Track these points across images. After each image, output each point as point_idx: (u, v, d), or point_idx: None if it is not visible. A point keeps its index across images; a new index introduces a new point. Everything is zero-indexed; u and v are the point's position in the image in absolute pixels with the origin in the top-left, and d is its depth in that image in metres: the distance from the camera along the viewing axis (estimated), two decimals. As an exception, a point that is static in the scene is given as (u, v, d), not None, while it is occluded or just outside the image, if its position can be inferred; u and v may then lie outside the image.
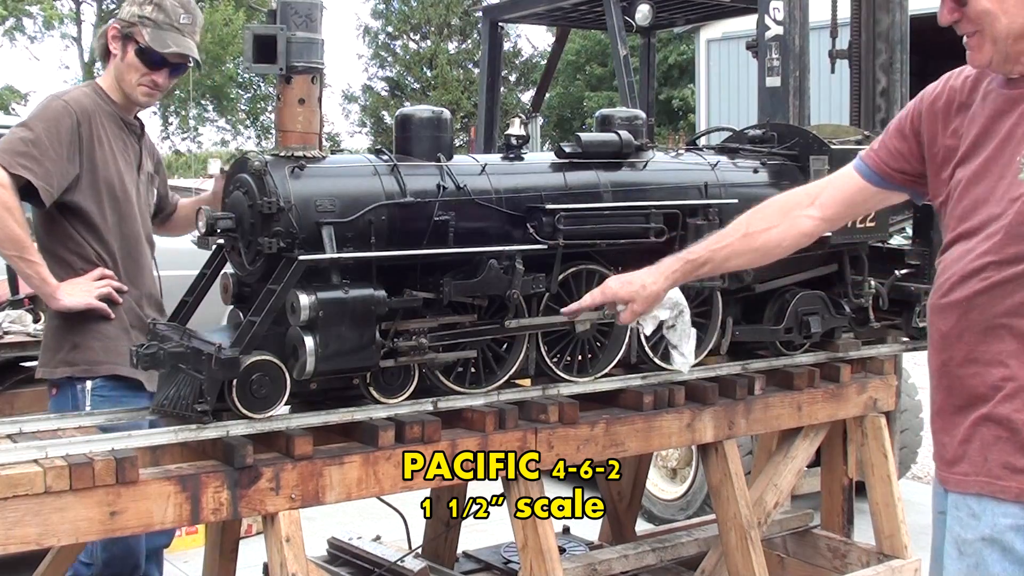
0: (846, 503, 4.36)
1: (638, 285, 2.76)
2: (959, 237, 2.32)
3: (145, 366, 2.82)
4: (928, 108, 2.48)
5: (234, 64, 29.64)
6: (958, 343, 2.28)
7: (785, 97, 5.07)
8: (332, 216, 2.85)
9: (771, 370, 3.75)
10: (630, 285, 2.77)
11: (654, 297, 2.77)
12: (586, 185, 3.35)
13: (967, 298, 2.26)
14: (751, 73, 5.85)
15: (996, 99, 2.31)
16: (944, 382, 2.34)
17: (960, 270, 2.28)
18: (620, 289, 2.78)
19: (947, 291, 2.31)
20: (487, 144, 7.58)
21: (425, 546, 4.11)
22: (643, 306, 2.78)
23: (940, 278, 2.35)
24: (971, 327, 2.25)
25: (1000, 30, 2.22)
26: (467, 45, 32.58)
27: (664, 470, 6.04)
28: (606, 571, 3.93)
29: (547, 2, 7.30)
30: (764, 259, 2.75)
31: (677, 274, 2.76)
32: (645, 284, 2.75)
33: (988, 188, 2.27)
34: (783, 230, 2.66)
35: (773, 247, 2.69)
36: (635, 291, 2.76)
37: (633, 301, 2.77)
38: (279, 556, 2.75)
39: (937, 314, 2.34)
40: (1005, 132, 2.27)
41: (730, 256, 2.71)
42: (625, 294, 2.77)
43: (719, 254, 2.71)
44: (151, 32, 3.47)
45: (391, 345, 2.89)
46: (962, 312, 2.27)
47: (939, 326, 2.34)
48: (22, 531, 2.42)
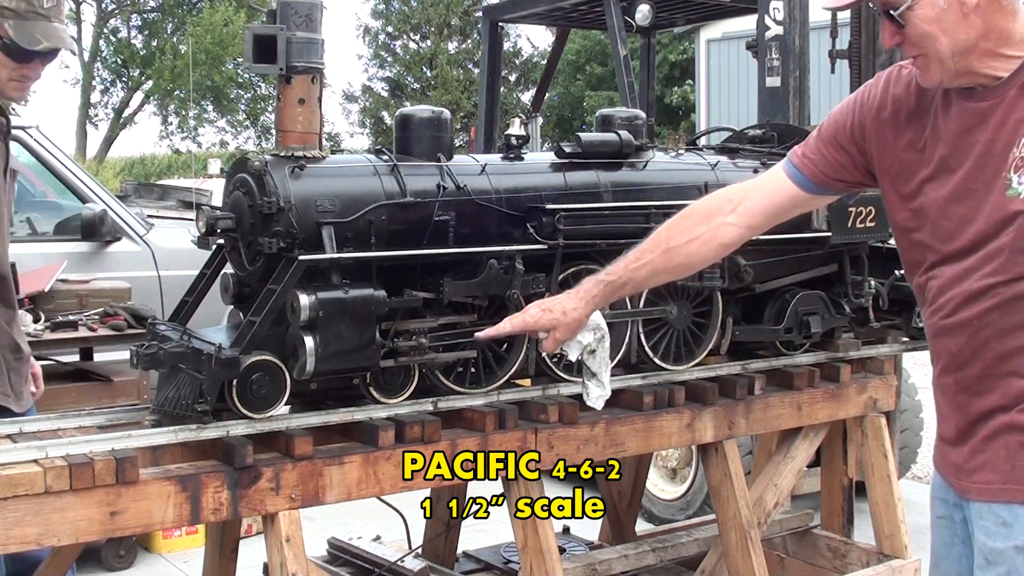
0: (846, 503, 4.36)
1: (558, 312, 2.62)
2: (948, 258, 2.29)
3: (145, 366, 2.82)
4: (872, 120, 2.42)
5: (234, 64, 29.65)
6: (973, 361, 2.26)
7: (785, 97, 5.07)
8: (332, 216, 2.85)
9: (771, 370, 3.75)
10: (550, 312, 2.62)
11: (576, 323, 2.64)
12: (586, 185, 3.35)
13: (977, 316, 2.23)
14: (751, 73, 5.85)
15: (961, 113, 2.27)
16: (959, 399, 2.32)
17: (964, 291, 2.24)
18: (541, 317, 2.63)
19: (952, 311, 2.27)
20: (487, 144, 7.57)
21: (425, 546, 4.11)
22: (565, 333, 2.65)
23: (939, 299, 2.31)
24: (985, 345, 2.24)
25: (943, 50, 2.19)
26: (467, 45, 32.58)
27: (664, 470, 6.04)
28: (606, 571, 3.93)
29: (547, 2, 7.30)
30: (685, 273, 2.66)
31: (598, 298, 2.63)
32: (566, 310, 2.62)
33: (973, 207, 2.23)
34: (703, 242, 2.53)
35: (696, 262, 2.59)
36: (556, 318, 2.62)
37: (555, 329, 2.64)
38: (279, 556, 2.75)
39: (943, 335, 2.31)
40: (982, 148, 2.22)
41: (651, 274, 2.60)
42: (546, 322, 2.63)
43: (639, 273, 2.58)
44: (15, 25, 3.06)
45: (391, 345, 2.89)
46: (973, 331, 2.24)
47: (947, 346, 2.31)
48: (22, 531, 2.42)
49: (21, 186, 6.15)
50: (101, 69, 32.75)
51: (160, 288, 5.68)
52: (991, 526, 2.23)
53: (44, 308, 4.49)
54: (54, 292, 4.60)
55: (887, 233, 3.91)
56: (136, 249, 5.81)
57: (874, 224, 3.79)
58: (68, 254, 5.43)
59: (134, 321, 4.52)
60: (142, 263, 5.77)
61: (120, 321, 4.53)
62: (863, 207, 3.77)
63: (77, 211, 5.73)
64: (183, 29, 30.86)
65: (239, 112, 33.41)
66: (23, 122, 5.87)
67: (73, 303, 4.69)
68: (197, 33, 28.69)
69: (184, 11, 31.73)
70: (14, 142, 5.45)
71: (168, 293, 5.58)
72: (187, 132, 32.90)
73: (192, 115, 32.48)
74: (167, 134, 33.25)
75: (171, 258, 5.77)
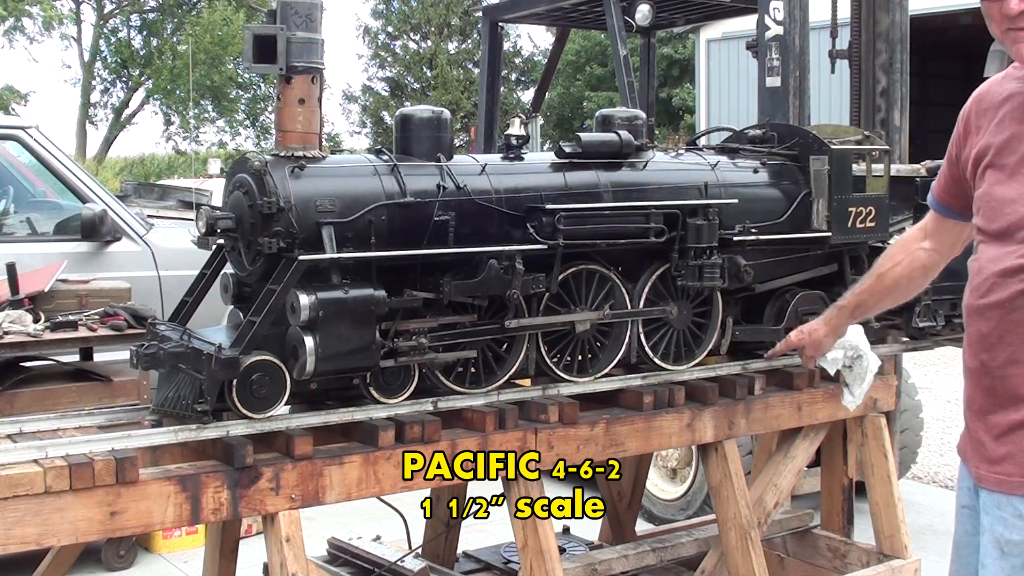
0: (846, 503, 4.36)
1: (806, 333, 3.18)
2: (990, 237, 2.32)
3: (145, 366, 2.82)
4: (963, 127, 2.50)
5: (234, 64, 29.62)
6: (1000, 344, 2.28)
7: (785, 97, 5.07)
8: (332, 216, 2.85)
9: (771, 370, 3.75)
10: (800, 334, 3.20)
11: (818, 342, 3.16)
12: (586, 185, 3.35)
13: (1009, 299, 2.25)
14: (751, 73, 5.85)
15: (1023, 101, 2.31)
16: (985, 382, 2.33)
17: (998, 271, 2.27)
18: (794, 337, 3.22)
19: (985, 292, 2.30)
20: (487, 144, 7.58)
21: (425, 546, 4.11)
22: (812, 350, 3.20)
23: (975, 279, 2.35)
24: (1014, 328, 2.25)
25: None
26: (467, 45, 32.57)
27: (664, 470, 6.03)
28: (606, 571, 3.93)
29: (547, 2, 7.30)
30: (900, 296, 2.93)
31: (834, 320, 3.10)
32: (811, 332, 3.16)
33: (1018, 188, 2.26)
34: (906, 264, 2.81)
35: (903, 284, 2.85)
36: (803, 338, 3.18)
37: (804, 347, 3.19)
38: (279, 556, 2.75)
39: (976, 315, 2.34)
40: None
41: (872, 296, 2.92)
42: (796, 341, 3.21)
43: (862, 297, 2.95)
44: None
45: (391, 345, 2.89)
46: (1004, 313, 2.26)
47: (979, 327, 2.33)
48: (22, 531, 2.42)
49: (21, 186, 6.17)
50: (101, 69, 32.72)
51: (160, 288, 5.67)
52: (1008, 517, 2.25)
53: (44, 308, 4.47)
54: (54, 292, 4.58)
55: (887, 233, 3.91)
56: (136, 249, 5.81)
57: (874, 224, 3.79)
58: (68, 254, 5.43)
59: (134, 321, 4.51)
60: (142, 263, 5.76)
61: (120, 321, 4.52)
62: (863, 207, 3.77)
63: (77, 211, 5.72)
64: (183, 29, 30.84)
65: (239, 112, 33.38)
66: (23, 122, 5.88)
67: (73, 303, 4.68)
68: (196, 33, 28.67)
69: (184, 11, 31.70)
70: (14, 142, 5.45)
71: (168, 293, 5.57)
72: (188, 133, 32.89)
73: (192, 115, 32.47)
74: (169, 135, 33.25)
75: (171, 258, 5.77)
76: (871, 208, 3.78)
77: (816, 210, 3.72)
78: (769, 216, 3.68)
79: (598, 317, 3.30)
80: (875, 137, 4.25)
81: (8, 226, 5.80)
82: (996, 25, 2.33)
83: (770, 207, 3.71)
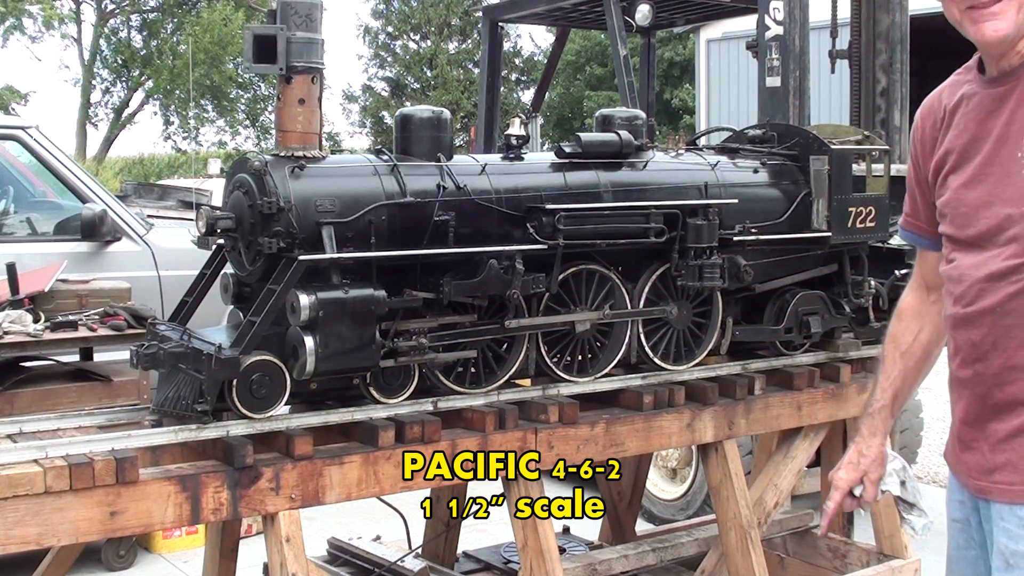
0: (846, 503, 4.35)
1: (856, 458, 2.63)
2: (965, 244, 2.24)
3: (145, 366, 2.82)
4: (919, 148, 2.41)
5: (234, 64, 29.61)
6: (994, 351, 2.20)
7: (785, 97, 5.07)
8: (332, 216, 2.85)
9: (771, 370, 3.75)
10: (851, 466, 2.63)
11: (880, 456, 2.64)
12: (586, 185, 3.35)
13: (999, 303, 2.17)
14: (751, 73, 5.85)
15: (981, 100, 2.24)
16: (978, 391, 2.25)
17: (983, 276, 2.18)
18: (847, 476, 2.62)
19: (972, 299, 2.21)
20: (487, 144, 7.58)
21: (425, 546, 4.11)
22: (877, 472, 2.64)
23: (957, 288, 2.25)
24: (1007, 333, 2.17)
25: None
26: (467, 45, 32.56)
27: (664, 470, 6.03)
28: (606, 571, 3.93)
29: (547, 2, 7.30)
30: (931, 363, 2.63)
31: (879, 425, 2.63)
32: (863, 452, 2.62)
33: (989, 190, 2.18)
34: (930, 328, 2.55)
35: (933, 348, 2.59)
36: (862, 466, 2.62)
37: (867, 473, 2.63)
38: (279, 556, 2.75)
39: (964, 324, 2.25)
40: (998, 132, 2.18)
41: (904, 380, 2.61)
42: (856, 475, 2.62)
43: (895, 384, 2.61)
44: None
45: (391, 345, 2.89)
46: (995, 319, 2.18)
47: (968, 336, 2.25)
48: (22, 531, 2.42)
49: (21, 186, 6.17)
50: (101, 69, 32.72)
51: (160, 288, 5.67)
52: (1013, 528, 2.18)
53: (44, 308, 4.47)
54: (54, 292, 4.58)
55: (887, 233, 3.91)
56: (136, 249, 5.81)
57: (874, 224, 3.79)
58: (68, 254, 5.43)
59: (134, 321, 4.51)
60: (142, 263, 5.76)
61: (120, 321, 4.52)
62: (863, 207, 3.77)
63: (77, 211, 5.72)
64: (183, 29, 30.84)
65: (238, 112, 33.37)
66: (23, 122, 5.88)
67: (73, 303, 4.68)
68: (196, 33, 28.67)
69: (183, 11, 31.70)
70: (14, 142, 5.45)
71: (168, 293, 5.57)
72: (188, 133, 32.88)
73: (192, 115, 32.46)
74: (169, 135, 33.24)
75: (171, 258, 5.77)
76: (871, 208, 3.78)
77: (816, 210, 3.72)
78: (769, 216, 3.68)
79: (598, 317, 3.30)
80: (875, 137, 4.25)
81: (8, 226, 5.80)
82: (954, 5, 2.21)
83: (770, 207, 3.71)
